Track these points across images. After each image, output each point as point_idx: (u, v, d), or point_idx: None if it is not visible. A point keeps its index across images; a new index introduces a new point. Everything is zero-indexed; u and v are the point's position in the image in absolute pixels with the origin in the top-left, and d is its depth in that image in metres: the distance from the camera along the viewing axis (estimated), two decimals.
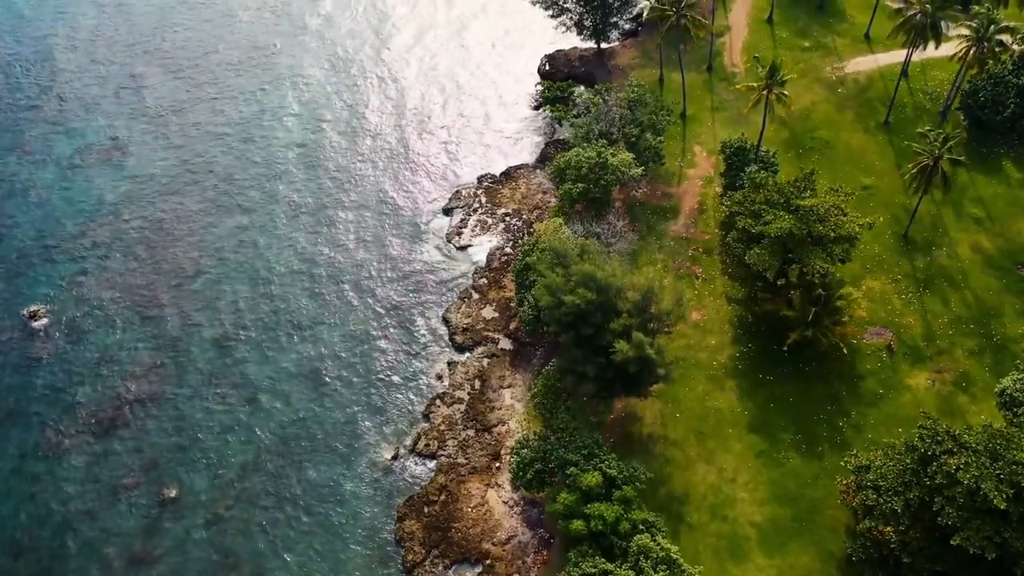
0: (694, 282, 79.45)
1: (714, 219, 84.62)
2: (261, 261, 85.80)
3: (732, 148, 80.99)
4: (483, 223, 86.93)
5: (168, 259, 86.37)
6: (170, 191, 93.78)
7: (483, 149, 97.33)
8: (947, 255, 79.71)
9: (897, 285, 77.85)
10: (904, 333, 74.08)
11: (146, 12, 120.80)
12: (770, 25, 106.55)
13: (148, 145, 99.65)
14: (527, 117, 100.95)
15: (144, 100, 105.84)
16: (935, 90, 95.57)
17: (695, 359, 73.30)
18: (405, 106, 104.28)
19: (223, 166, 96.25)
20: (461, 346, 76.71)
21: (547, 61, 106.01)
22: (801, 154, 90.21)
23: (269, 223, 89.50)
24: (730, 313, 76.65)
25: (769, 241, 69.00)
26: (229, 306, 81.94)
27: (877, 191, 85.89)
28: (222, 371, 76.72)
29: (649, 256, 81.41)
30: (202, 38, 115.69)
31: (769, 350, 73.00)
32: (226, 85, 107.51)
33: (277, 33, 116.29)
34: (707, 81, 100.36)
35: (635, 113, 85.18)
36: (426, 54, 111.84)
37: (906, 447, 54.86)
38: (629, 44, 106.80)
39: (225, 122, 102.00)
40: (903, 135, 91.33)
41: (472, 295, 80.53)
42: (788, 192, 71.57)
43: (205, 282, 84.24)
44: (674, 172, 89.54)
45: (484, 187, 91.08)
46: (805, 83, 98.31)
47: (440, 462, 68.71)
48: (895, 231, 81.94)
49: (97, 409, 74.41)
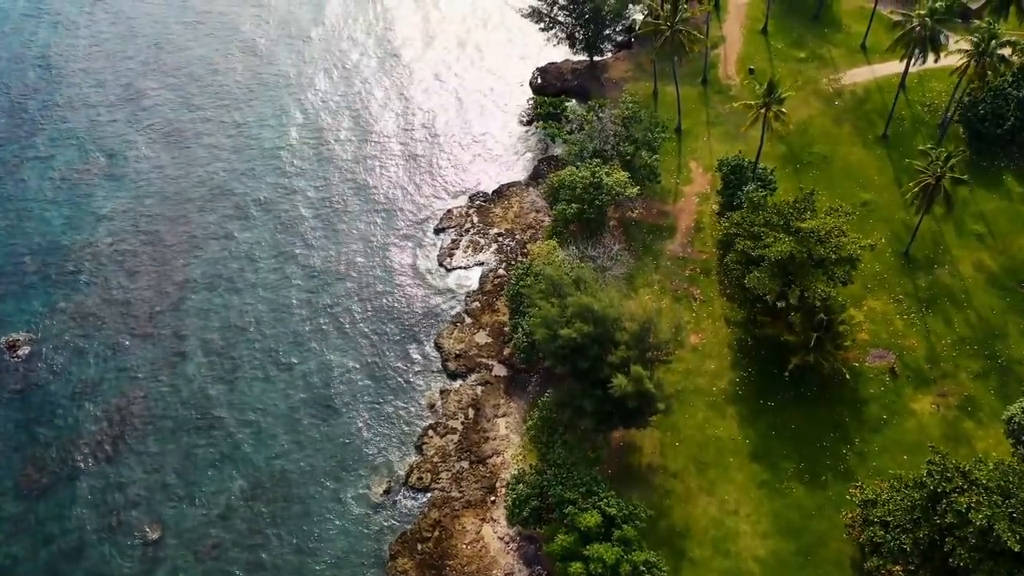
0: (692, 304, 77.64)
1: (711, 238, 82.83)
2: (248, 287, 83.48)
3: (729, 166, 79.23)
4: (475, 244, 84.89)
5: (152, 284, 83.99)
6: (155, 213, 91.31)
7: (475, 166, 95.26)
8: (949, 273, 78.13)
9: (899, 305, 76.22)
10: (907, 355, 72.45)
11: (143, 23, 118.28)
12: (765, 35, 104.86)
13: (134, 165, 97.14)
14: (519, 132, 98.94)
15: (135, 116, 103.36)
16: (933, 102, 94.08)
17: (694, 385, 71.48)
18: (394, 124, 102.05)
19: (207, 189, 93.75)
20: (454, 373, 74.67)
21: (539, 74, 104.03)
22: (799, 169, 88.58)
23: (256, 249, 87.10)
24: (729, 336, 74.86)
25: (769, 264, 67.28)
26: (215, 333, 79.63)
27: (876, 207, 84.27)
28: (207, 402, 74.45)
29: (646, 277, 79.57)
30: (192, 55, 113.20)
31: (770, 374, 71.25)
32: (213, 106, 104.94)
33: (268, 51, 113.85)
34: (702, 94, 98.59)
35: (629, 130, 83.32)
36: (415, 70, 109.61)
37: (915, 483, 53.09)
38: (622, 56, 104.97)
39: (210, 144, 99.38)
40: (901, 149, 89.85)
41: (465, 319, 78.52)
42: (788, 213, 69.85)
43: (191, 308, 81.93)
44: (670, 189, 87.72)
45: (476, 206, 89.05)
46: (801, 95, 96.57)
47: (433, 496, 66.65)
48: (896, 249, 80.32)
49: (78, 444, 72.03)
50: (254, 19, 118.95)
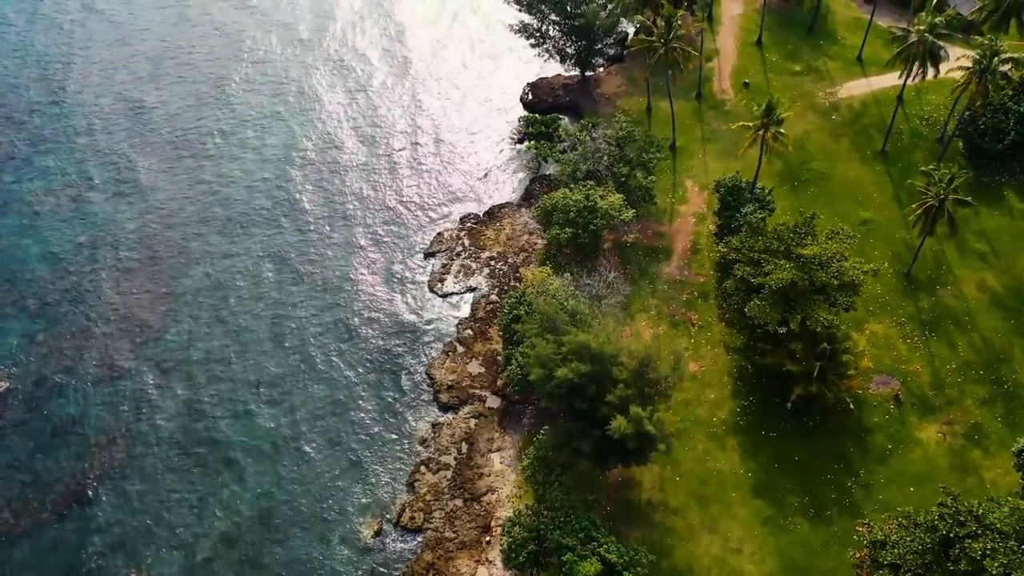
0: (690, 330, 75.57)
1: (709, 260, 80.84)
2: (232, 316, 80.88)
3: (726, 187, 77.18)
4: (466, 268, 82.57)
5: (135, 314, 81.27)
6: (137, 240, 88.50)
7: (465, 186, 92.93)
8: (952, 294, 76.36)
9: (901, 328, 74.37)
10: (911, 381, 70.59)
11: (134, 36, 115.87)
12: (759, 48, 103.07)
13: (113, 188, 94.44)
14: (510, 151, 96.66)
15: (114, 139, 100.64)
16: (931, 115, 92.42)
17: (694, 415, 69.42)
18: (382, 145, 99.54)
19: (191, 212, 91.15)
20: (446, 405, 72.33)
21: (530, 90, 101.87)
22: (796, 187, 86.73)
23: (240, 275, 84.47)
24: (729, 363, 72.83)
25: (769, 292, 65.34)
26: (198, 365, 77.04)
27: (876, 226, 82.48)
28: (191, 438, 71.88)
29: (642, 302, 77.49)
30: (181, 72, 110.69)
31: (771, 403, 69.29)
32: (194, 127, 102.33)
33: (250, 75, 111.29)
34: (696, 109, 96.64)
35: (623, 150, 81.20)
36: (402, 90, 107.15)
37: (926, 526, 51.09)
38: (614, 71, 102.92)
39: (195, 166, 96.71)
40: (900, 164, 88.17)
41: (457, 348, 76.18)
42: (788, 238, 67.92)
43: (173, 339, 79.30)
44: (665, 209, 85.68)
45: (467, 228, 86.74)
46: (798, 110, 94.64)
47: (426, 537, 64.29)
48: (897, 269, 78.50)
49: (58, 484, 69.35)
50: (232, 47, 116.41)
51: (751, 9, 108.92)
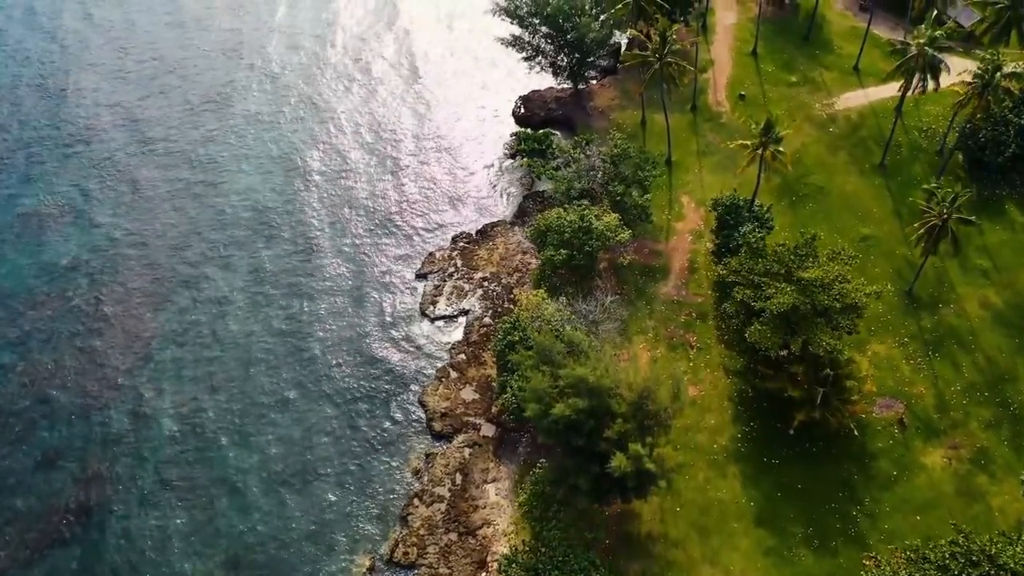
0: (688, 352, 73.84)
1: (707, 279, 79.15)
2: (218, 342, 78.70)
3: (724, 206, 75.48)
4: (459, 290, 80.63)
5: (117, 341, 78.98)
6: (122, 261, 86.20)
7: (457, 204, 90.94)
8: (955, 313, 74.84)
9: (904, 349, 72.81)
10: (915, 404, 69.02)
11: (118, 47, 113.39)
12: (754, 58, 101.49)
13: (97, 208, 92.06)
14: (503, 166, 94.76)
15: (98, 155, 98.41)
16: (930, 127, 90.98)
17: (694, 442, 67.66)
18: (371, 161, 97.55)
19: (177, 233, 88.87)
20: (440, 434, 70.35)
21: (522, 103, 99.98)
22: (795, 202, 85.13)
23: (226, 300, 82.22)
24: (729, 387, 71.13)
25: (770, 315, 63.66)
26: (183, 394, 74.84)
27: (876, 242, 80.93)
28: (175, 472, 69.66)
29: (639, 324, 75.73)
30: (144, 94, 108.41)
31: (773, 429, 67.64)
32: (181, 144, 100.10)
33: (241, 89, 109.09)
34: (692, 122, 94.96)
35: (619, 167, 79.41)
36: (391, 104, 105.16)
37: (937, 565, 49.48)
38: (608, 83, 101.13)
39: (181, 187, 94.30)
40: (900, 178, 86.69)
41: (450, 373, 74.25)
42: (788, 260, 66.25)
43: (158, 366, 77.07)
44: (661, 226, 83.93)
45: (459, 248, 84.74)
46: (794, 122, 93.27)
47: (420, 573, 62.29)
48: (898, 287, 76.94)
49: (39, 524, 67.01)
50: (229, 54, 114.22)
51: (745, 18, 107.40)
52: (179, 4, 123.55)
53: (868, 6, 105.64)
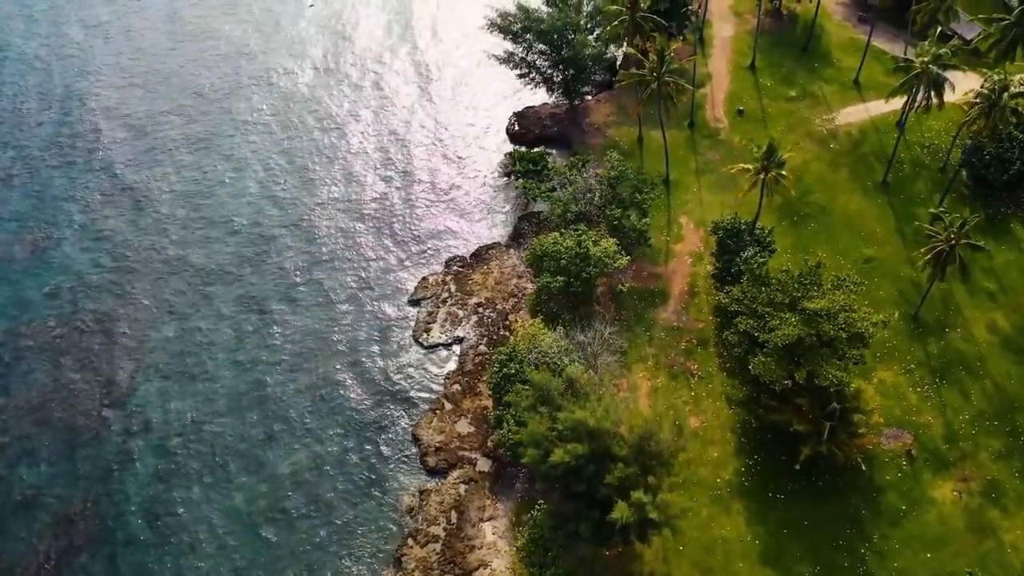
0: (690, 381, 71.80)
1: (707, 303, 77.09)
2: (204, 374, 76.22)
3: (725, 229, 73.40)
4: (453, 316, 78.36)
5: (101, 374, 76.41)
6: (106, 289, 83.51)
7: (450, 226, 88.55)
8: (962, 337, 72.97)
9: (911, 376, 70.90)
10: (923, 434, 67.11)
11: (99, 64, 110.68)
12: (753, 72, 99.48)
13: (83, 233, 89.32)
14: (497, 186, 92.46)
15: (76, 179, 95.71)
16: (933, 143, 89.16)
17: (696, 476, 65.56)
18: (360, 181, 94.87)
19: (159, 261, 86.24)
20: (434, 470, 68.10)
21: (516, 120, 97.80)
22: (796, 222, 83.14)
23: (214, 329, 79.68)
24: (731, 418, 69.08)
25: (774, 347, 61.63)
26: (168, 429, 72.39)
27: (880, 263, 79.00)
28: (160, 512, 67.26)
29: (639, 351, 73.63)
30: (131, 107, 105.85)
31: (778, 462, 65.57)
32: (165, 167, 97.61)
33: (221, 106, 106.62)
34: (689, 139, 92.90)
35: (616, 189, 77.27)
36: (382, 121, 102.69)
37: None
38: (603, 98, 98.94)
39: (167, 210, 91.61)
40: (903, 195, 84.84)
41: (444, 405, 72.00)
42: (792, 290, 64.25)
43: (143, 400, 74.59)
44: (660, 248, 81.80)
45: (453, 272, 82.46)
46: (794, 138, 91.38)
47: None
48: (904, 311, 74.99)
49: (16, 568, 64.49)
50: (207, 78, 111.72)
51: (743, 30, 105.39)
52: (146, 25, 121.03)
53: (867, 18, 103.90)
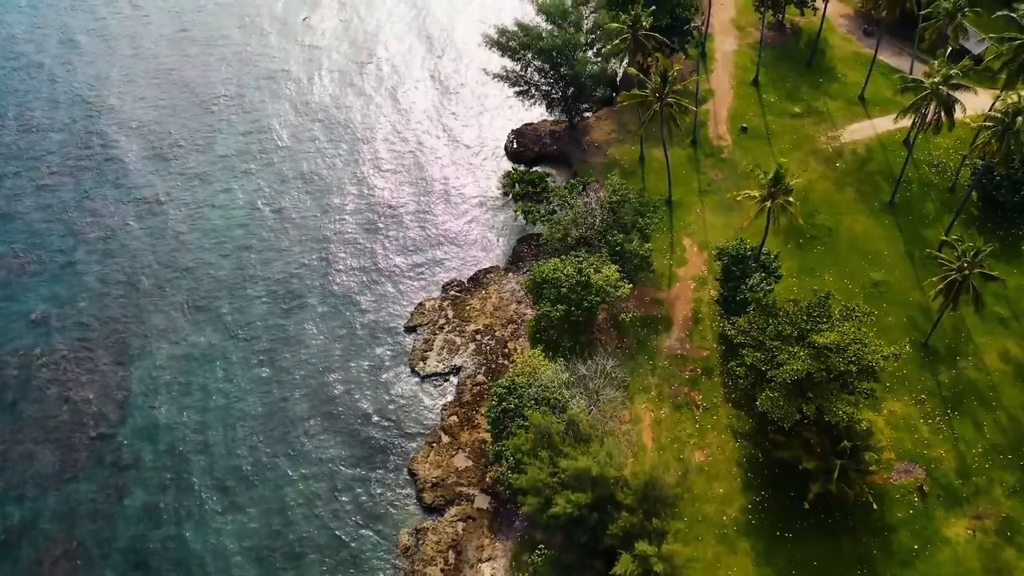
0: (694, 412, 69.71)
1: (711, 330, 75.05)
2: (196, 404, 74.08)
3: (730, 255, 71.30)
4: (450, 344, 76.25)
5: (88, 404, 74.29)
6: (93, 315, 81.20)
7: (447, 249, 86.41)
8: (974, 366, 70.99)
9: (922, 407, 68.89)
10: (936, 469, 65.10)
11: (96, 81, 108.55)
12: (756, 88, 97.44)
13: (71, 255, 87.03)
14: (494, 206, 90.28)
15: (65, 198, 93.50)
16: (941, 161, 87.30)
17: (702, 513, 63.53)
18: (354, 201, 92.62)
19: (150, 282, 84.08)
20: (431, 507, 65.98)
21: (514, 138, 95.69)
22: (802, 244, 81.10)
23: (206, 355, 77.53)
24: (737, 452, 67.05)
25: (782, 383, 59.59)
26: (157, 463, 70.26)
27: (889, 288, 76.99)
28: (150, 549, 65.18)
29: (641, 381, 71.55)
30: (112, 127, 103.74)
31: (786, 498, 63.62)
32: (152, 185, 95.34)
33: (218, 122, 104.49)
34: (692, 157, 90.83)
35: (617, 213, 75.19)
36: (378, 137, 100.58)
37: None
38: (604, 115, 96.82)
39: (156, 231, 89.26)
40: (911, 216, 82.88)
41: (441, 438, 69.91)
42: (801, 322, 62.18)
43: (133, 430, 72.46)
44: (663, 272, 79.71)
45: (450, 297, 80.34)
46: (799, 156, 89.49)
47: None
48: (914, 338, 72.97)
49: None
50: (193, 95, 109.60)
51: (745, 44, 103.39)
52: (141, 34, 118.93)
53: (872, 31, 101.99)
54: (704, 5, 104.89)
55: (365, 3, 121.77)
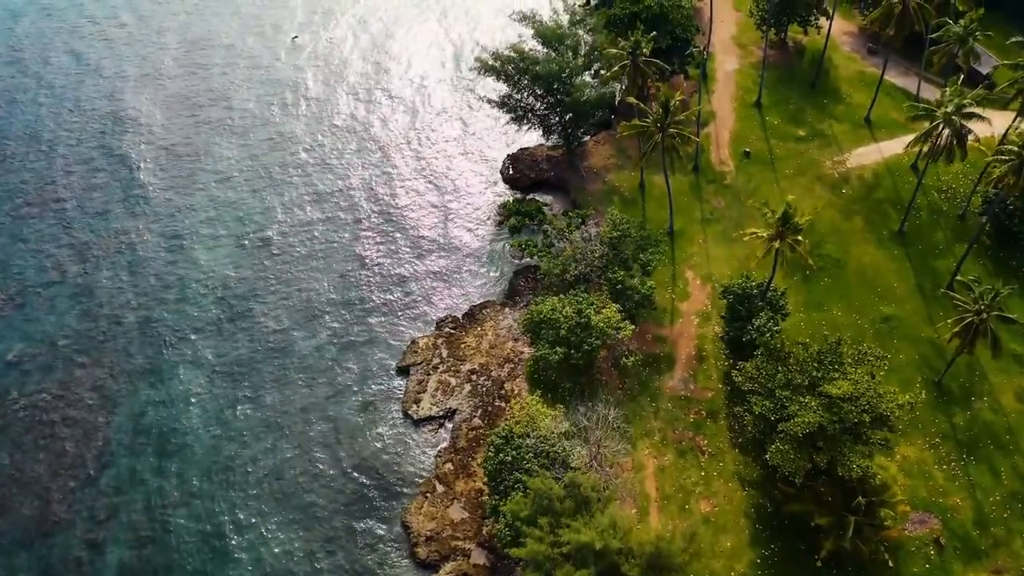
0: (699, 459, 66.80)
1: (716, 369, 72.17)
2: (179, 450, 70.94)
3: (735, 294, 68.40)
4: (445, 385, 73.23)
5: (65, 453, 71.00)
6: (72, 355, 77.98)
7: (441, 282, 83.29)
8: (989, 407, 68.20)
9: (936, 451, 66.07)
10: (952, 519, 62.27)
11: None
12: (758, 110, 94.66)
13: (50, 289, 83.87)
14: (490, 236, 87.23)
15: (43, 230, 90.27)
16: (950, 186, 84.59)
17: (709, 569, 60.56)
18: (345, 230, 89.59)
19: (132, 320, 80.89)
20: (424, 563, 62.91)
21: (510, 163, 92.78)
22: (809, 277, 78.19)
23: (189, 400, 74.25)
24: (745, 502, 64.14)
25: (793, 435, 56.73)
26: (138, 514, 67.02)
27: (899, 322, 74.19)
28: None
29: (644, 425, 68.62)
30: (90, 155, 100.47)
31: (796, 552, 60.72)
32: (135, 221, 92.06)
33: (196, 152, 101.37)
34: (694, 184, 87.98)
35: (618, 248, 72.26)
36: (369, 165, 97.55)
37: None
38: (603, 139, 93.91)
39: (137, 264, 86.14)
40: (920, 246, 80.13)
41: (436, 487, 66.86)
42: (812, 369, 59.29)
43: (109, 482, 69.21)
44: (665, 307, 76.79)
45: (445, 334, 77.28)
46: (804, 182, 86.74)
47: None
48: (926, 377, 70.17)
49: None
50: (179, 115, 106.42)
51: (747, 63, 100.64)
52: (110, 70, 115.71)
53: (877, 49, 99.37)
54: (705, 24, 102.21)
55: (356, 22, 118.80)
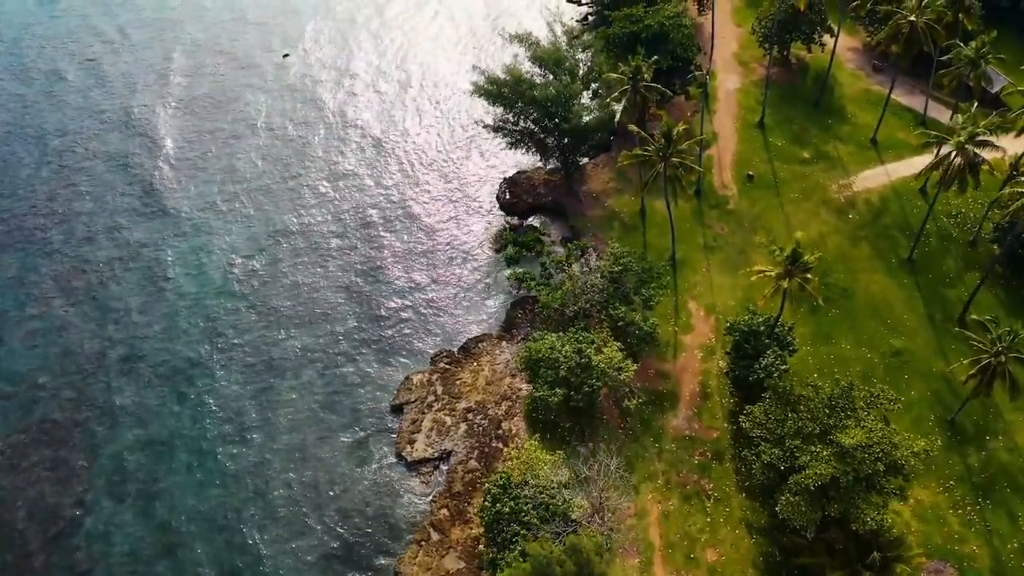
0: (705, 503, 64.19)
1: (721, 407, 69.62)
2: (164, 493, 68.09)
3: (742, 331, 65.82)
4: (440, 424, 70.51)
5: (45, 498, 68.09)
6: (51, 395, 74.95)
7: (434, 315, 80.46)
8: (1005, 447, 65.76)
9: (951, 495, 63.59)
10: (968, 568, 59.80)
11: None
12: (761, 130, 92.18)
13: (28, 326, 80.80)
14: (486, 264, 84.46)
15: (24, 265, 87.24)
16: (960, 211, 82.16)
17: None
18: (336, 258, 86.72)
19: (114, 355, 77.95)
20: None
21: (507, 187, 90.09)
22: (816, 307, 75.46)
23: (174, 442, 71.20)
24: (752, 549, 61.56)
25: (805, 486, 54.21)
26: (121, 565, 64.16)
27: (910, 356, 71.74)
28: None
29: (647, 467, 66.02)
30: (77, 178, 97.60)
31: None
32: (116, 250, 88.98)
33: (177, 176, 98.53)
34: (696, 209, 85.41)
35: (619, 282, 69.63)
36: (360, 185, 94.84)
37: None
38: (602, 161, 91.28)
39: (116, 299, 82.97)
40: (930, 275, 77.70)
41: (431, 535, 64.14)
42: (823, 416, 56.74)
43: (91, 530, 66.28)
44: (667, 341, 74.16)
45: (440, 370, 74.52)
46: (809, 207, 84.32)
47: None
48: (939, 415, 67.72)
49: None
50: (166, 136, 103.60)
51: (749, 82, 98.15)
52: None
53: (882, 67, 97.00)
54: (706, 40, 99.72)
55: (350, 40, 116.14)
